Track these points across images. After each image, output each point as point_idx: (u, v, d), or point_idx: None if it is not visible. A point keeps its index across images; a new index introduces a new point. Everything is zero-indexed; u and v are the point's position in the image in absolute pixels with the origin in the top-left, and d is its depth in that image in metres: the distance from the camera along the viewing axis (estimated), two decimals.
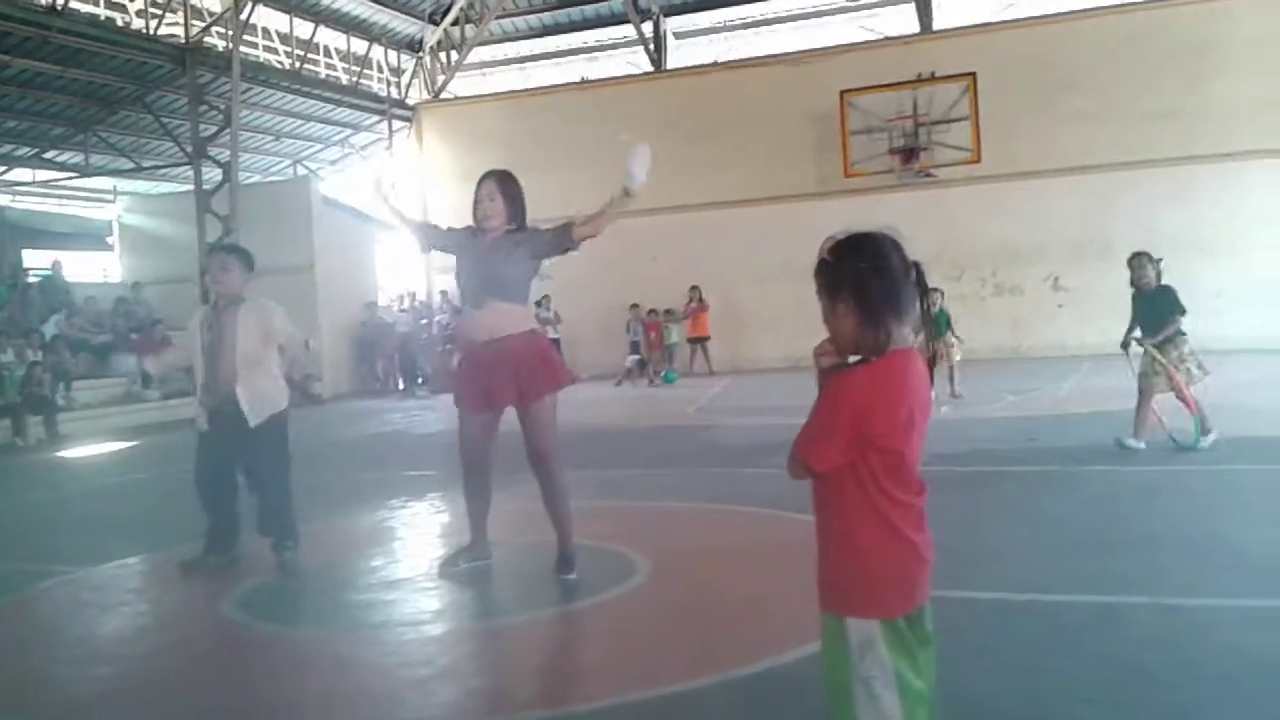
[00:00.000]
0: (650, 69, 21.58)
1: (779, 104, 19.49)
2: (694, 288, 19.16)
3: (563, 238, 4.98)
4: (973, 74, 17.93)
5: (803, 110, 19.38)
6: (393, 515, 7.01)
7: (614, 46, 23.06)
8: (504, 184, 5.02)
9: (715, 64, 21.30)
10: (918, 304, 2.15)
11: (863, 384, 2.13)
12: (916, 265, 2.15)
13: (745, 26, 22.35)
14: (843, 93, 18.63)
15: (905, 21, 20.35)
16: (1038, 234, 17.93)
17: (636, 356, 18.67)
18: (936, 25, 19.71)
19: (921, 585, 2.20)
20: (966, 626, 3.67)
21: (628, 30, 22.03)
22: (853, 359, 2.20)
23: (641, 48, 21.67)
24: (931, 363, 2.21)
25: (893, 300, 2.12)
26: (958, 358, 12.01)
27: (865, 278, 2.13)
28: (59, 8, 14.81)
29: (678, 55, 22.03)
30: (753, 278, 19.51)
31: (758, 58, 20.74)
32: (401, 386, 19.51)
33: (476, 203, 4.98)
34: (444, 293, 20.10)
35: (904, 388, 2.13)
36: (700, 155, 19.62)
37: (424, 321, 20.37)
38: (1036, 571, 4.62)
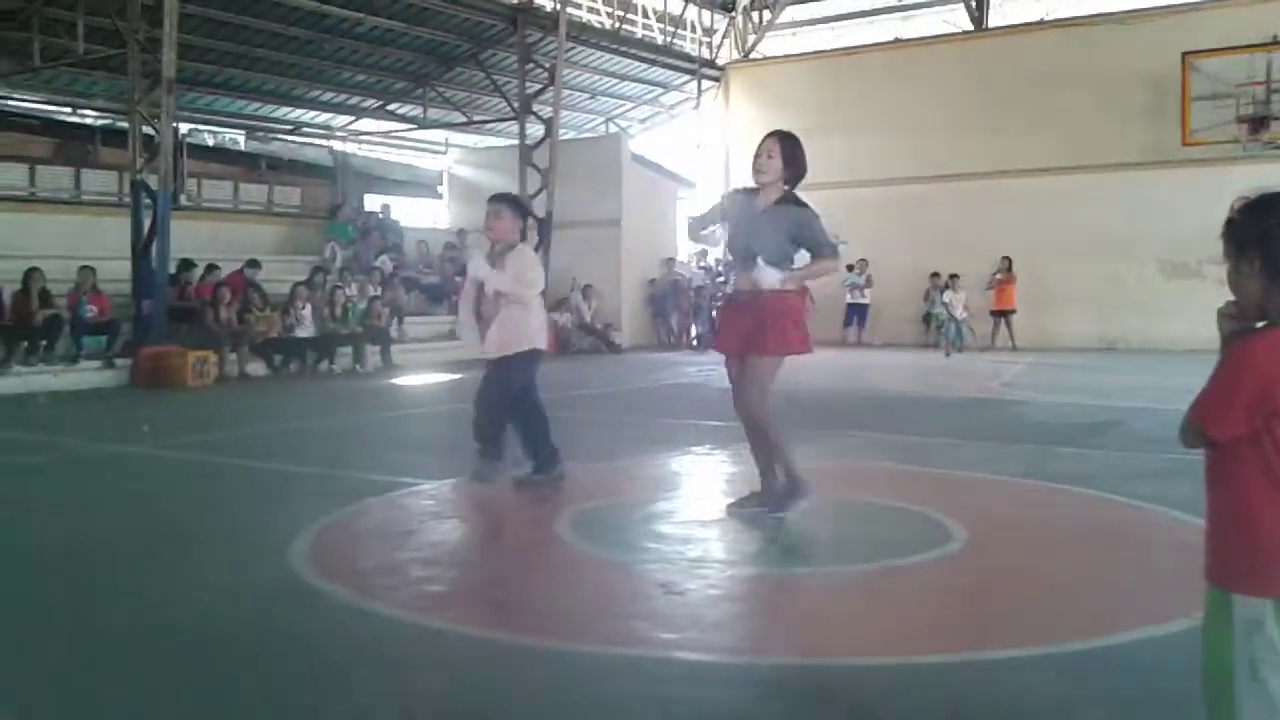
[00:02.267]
0: (970, 28, 20.71)
1: (1109, 65, 18.21)
2: (1005, 258, 18.36)
3: (820, 255, 5.19)
4: None
5: (1136, 73, 18.02)
6: (698, 459, 7.24)
7: (931, 4, 22.25)
8: (784, 143, 5.17)
9: (1041, 22, 20.14)
10: None
11: (1267, 349, 2.02)
12: None
13: None
14: (1185, 54, 17.17)
15: None
16: None
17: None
18: None
19: None
20: None
21: None
22: (1260, 325, 2.08)
23: (961, 5, 20.83)
24: None
25: None
26: None
27: (1274, 236, 2.01)
28: None
29: (1001, 13, 20.98)
30: (1065, 250, 18.44)
31: (1089, 16, 19.41)
32: (696, 343, 19.94)
33: (755, 157, 5.16)
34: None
35: None
36: (1018, 119, 18.73)
37: (720, 279, 20.68)
38: None
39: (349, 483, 6.27)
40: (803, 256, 5.23)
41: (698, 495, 6.09)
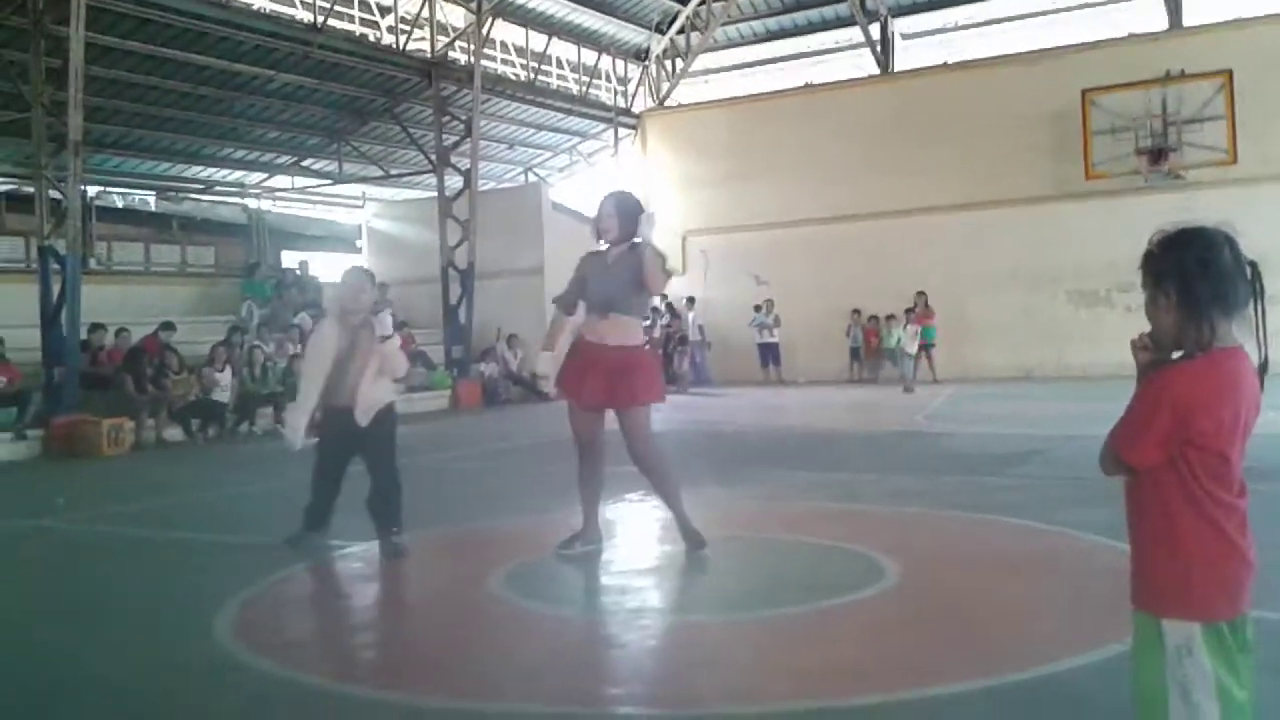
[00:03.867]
0: (877, 71, 21.27)
1: (1013, 105, 18.82)
2: (920, 293, 18.74)
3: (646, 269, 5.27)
4: (1228, 71, 16.83)
5: (1039, 111, 18.64)
6: (632, 507, 7.21)
7: (840, 50, 22.80)
8: (618, 203, 5.39)
9: (945, 65, 20.77)
10: (1252, 305, 2.07)
11: (1185, 381, 2.07)
12: (1253, 264, 2.07)
13: (977, 26, 21.67)
14: (1085, 91, 17.84)
15: (1152, 17, 19.23)
16: None
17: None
18: (1187, 21, 18.57)
19: (1245, 590, 2.11)
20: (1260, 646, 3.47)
21: (854, 33, 21.80)
22: (1176, 355, 2.13)
23: (868, 50, 21.38)
24: (1264, 367, 2.12)
25: (1220, 296, 2.05)
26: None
27: (1190, 270, 2.07)
28: (319, 25, 15.97)
29: (906, 57, 21.59)
30: (981, 284, 18.93)
31: (991, 57, 20.08)
32: None
33: (598, 218, 5.39)
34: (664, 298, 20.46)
35: (1229, 388, 2.06)
36: (928, 158, 19.20)
37: (646, 323, 20.75)
38: None
39: (275, 550, 6.10)
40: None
41: (633, 544, 6.06)
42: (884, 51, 21.18)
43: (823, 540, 5.70)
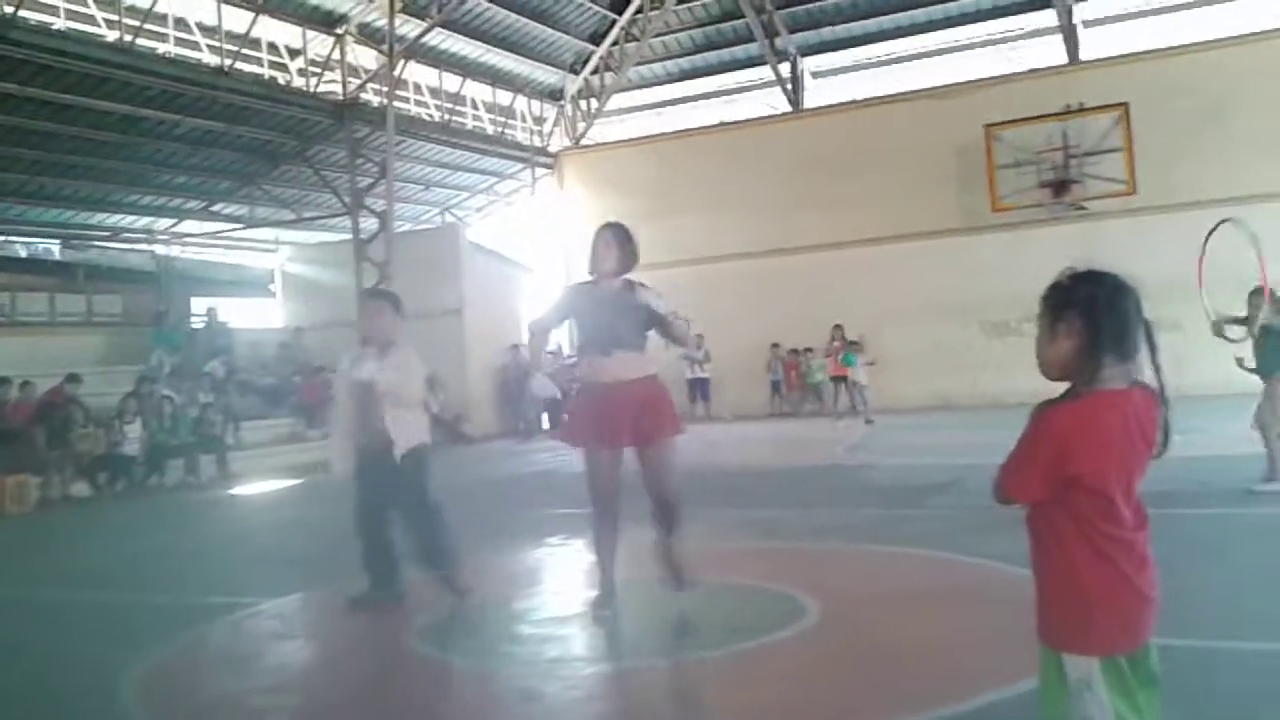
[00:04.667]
0: (789, 109, 21.65)
1: (921, 139, 19.27)
2: (836, 326, 18.99)
3: (674, 337, 5.21)
4: (1125, 104, 17.47)
5: (946, 145, 19.12)
6: (553, 551, 7.14)
7: (752, 88, 23.16)
8: (619, 234, 5.17)
9: (854, 101, 21.23)
10: (1142, 353, 2.13)
11: (1066, 419, 2.12)
12: (1147, 322, 2.13)
13: (884, 64, 22.20)
14: (987, 126, 18.36)
15: (1051, 52, 19.91)
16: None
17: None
18: (1084, 55, 19.25)
19: (1144, 623, 2.15)
20: (1165, 674, 3.54)
21: (765, 72, 22.16)
22: (1062, 393, 2.18)
23: (779, 88, 21.77)
24: (1162, 402, 2.18)
25: (1117, 337, 2.11)
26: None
27: (1097, 305, 2.12)
28: (226, 69, 15.74)
29: (816, 94, 22.02)
30: (895, 316, 19.26)
31: (898, 94, 20.55)
32: (547, 427, 19.80)
33: (594, 250, 5.15)
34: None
35: (1111, 429, 2.11)
36: (840, 192, 19.56)
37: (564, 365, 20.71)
38: (1234, 619, 4.42)
39: (185, 609, 5.91)
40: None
41: (553, 591, 5.99)
42: (794, 89, 21.58)
43: (745, 580, 5.70)
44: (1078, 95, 18.04)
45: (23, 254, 18.86)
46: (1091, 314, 2.11)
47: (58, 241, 19.11)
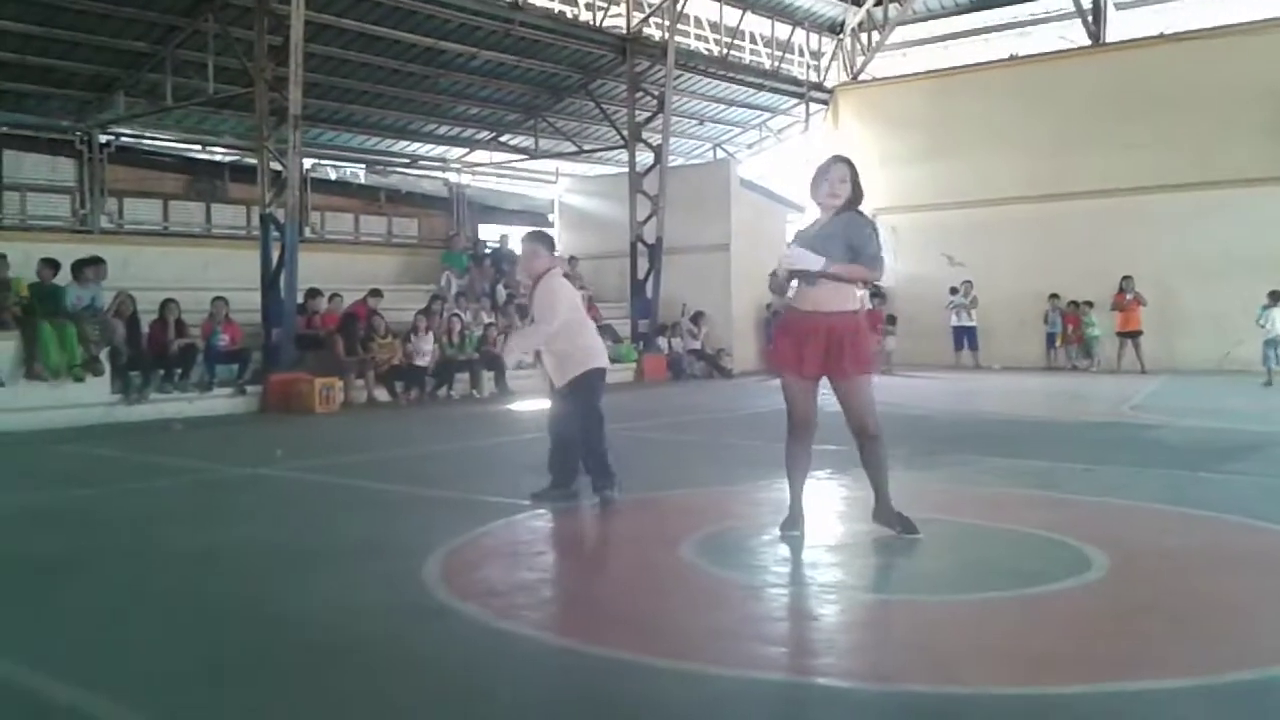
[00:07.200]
0: (1087, 43, 20.22)
1: (1232, 79, 17.58)
2: (1126, 278, 17.81)
3: (859, 260, 5.10)
4: None
5: (1260, 86, 17.37)
6: (817, 484, 7.15)
7: (1047, 20, 21.79)
8: (852, 169, 5.21)
9: (1161, 36, 19.53)
10: None
11: None
12: None
13: None
14: None
15: None
16: None
17: None
18: None
19: None
20: None
21: (1063, 2, 20.78)
22: None
23: (1078, 20, 20.35)
24: None
25: None
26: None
27: None
28: (520, 3, 16.38)
29: (1118, 27, 20.43)
30: (1189, 269, 17.83)
31: (1211, 28, 18.75)
32: None
33: (825, 183, 5.18)
34: None
35: None
36: (1137, 135, 18.22)
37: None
38: None
39: (475, 505, 6.38)
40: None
41: (820, 520, 6.01)
42: (1095, 21, 20.10)
43: (1024, 528, 5.52)
44: None
45: (332, 176, 20.49)
46: None
47: (363, 166, 20.64)
